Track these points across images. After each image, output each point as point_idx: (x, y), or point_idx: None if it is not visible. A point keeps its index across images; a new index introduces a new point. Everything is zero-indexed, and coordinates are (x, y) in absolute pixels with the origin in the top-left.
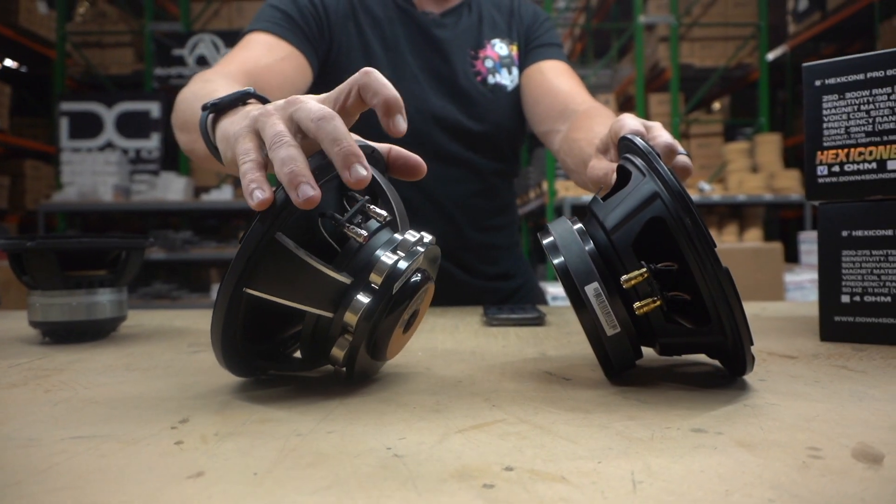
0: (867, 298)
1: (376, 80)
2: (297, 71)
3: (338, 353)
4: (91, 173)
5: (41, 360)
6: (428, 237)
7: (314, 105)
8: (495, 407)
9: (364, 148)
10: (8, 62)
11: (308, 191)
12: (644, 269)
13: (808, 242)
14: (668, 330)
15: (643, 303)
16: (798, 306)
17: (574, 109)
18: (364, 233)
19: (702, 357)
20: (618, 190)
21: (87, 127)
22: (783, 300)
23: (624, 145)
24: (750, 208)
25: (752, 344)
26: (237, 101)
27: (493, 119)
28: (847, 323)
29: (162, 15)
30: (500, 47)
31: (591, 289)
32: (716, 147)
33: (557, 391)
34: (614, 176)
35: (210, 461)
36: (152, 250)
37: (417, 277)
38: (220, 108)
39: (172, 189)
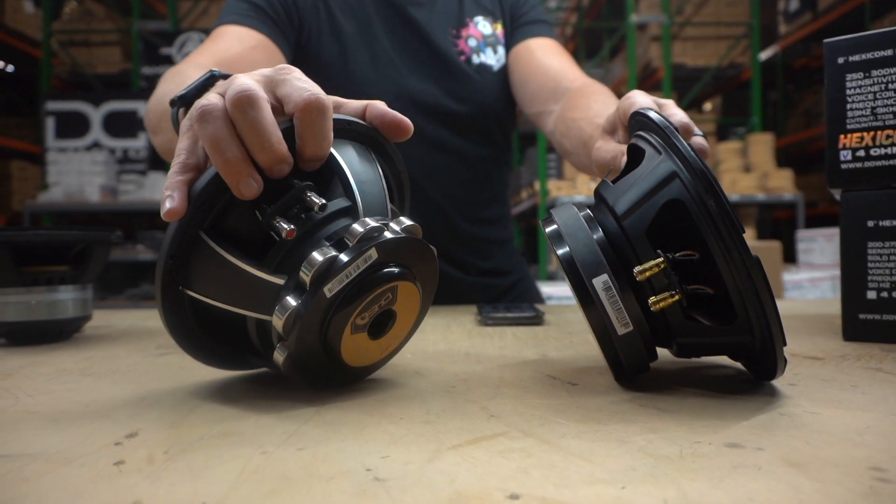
0: (895, 294)
1: (289, 88)
2: (269, 59)
3: (278, 358)
4: (77, 173)
5: None
6: (405, 223)
7: (241, 80)
8: (494, 417)
9: (340, 122)
10: None
11: (251, 185)
12: (660, 259)
13: (806, 241)
14: (688, 328)
15: (659, 297)
16: (810, 304)
17: (566, 87)
18: (288, 227)
19: (720, 359)
20: (630, 172)
21: (73, 126)
22: (782, 300)
23: (636, 121)
24: (743, 208)
25: (784, 344)
26: (203, 88)
27: (479, 101)
28: (873, 321)
29: (150, 13)
30: (483, 25)
31: (600, 282)
32: (708, 147)
33: (564, 398)
34: (624, 159)
35: (151, 487)
36: (140, 251)
37: (392, 271)
38: (188, 100)
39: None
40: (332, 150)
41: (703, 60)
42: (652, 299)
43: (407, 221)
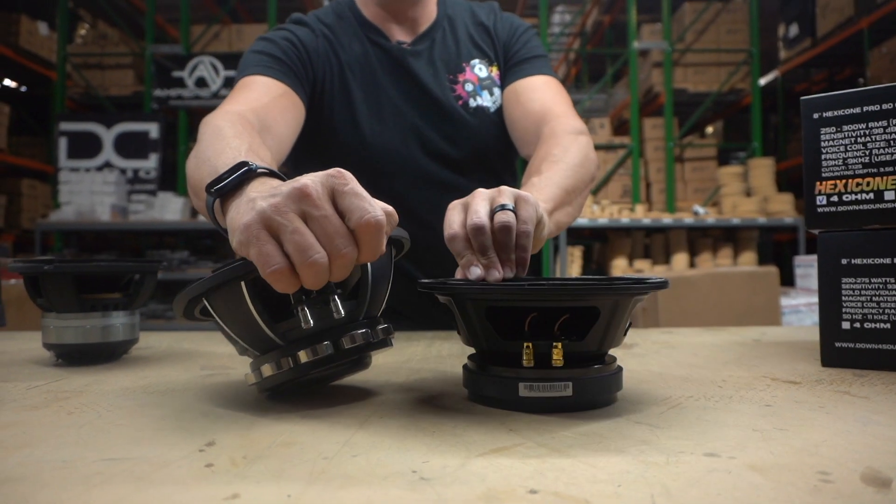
0: (867, 325)
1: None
2: (295, 107)
3: (251, 378)
4: (89, 193)
5: (58, 383)
6: (381, 328)
7: (367, 205)
8: (512, 431)
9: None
10: (7, 82)
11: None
12: None
13: (804, 266)
14: None
15: None
16: (796, 331)
17: (540, 135)
18: (307, 322)
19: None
20: None
21: (85, 147)
22: (780, 324)
23: None
24: (744, 231)
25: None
26: (241, 183)
27: (479, 142)
28: (848, 349)
29: (162, 37)
30: (479, 69)
31: None
32: (710, 171)
33: (570, 415)
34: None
35: (243, 483)
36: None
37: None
38: (225, 193)
39: (170, 209)
40: None
41: (704, 86)
42: None
43: (381, 329)
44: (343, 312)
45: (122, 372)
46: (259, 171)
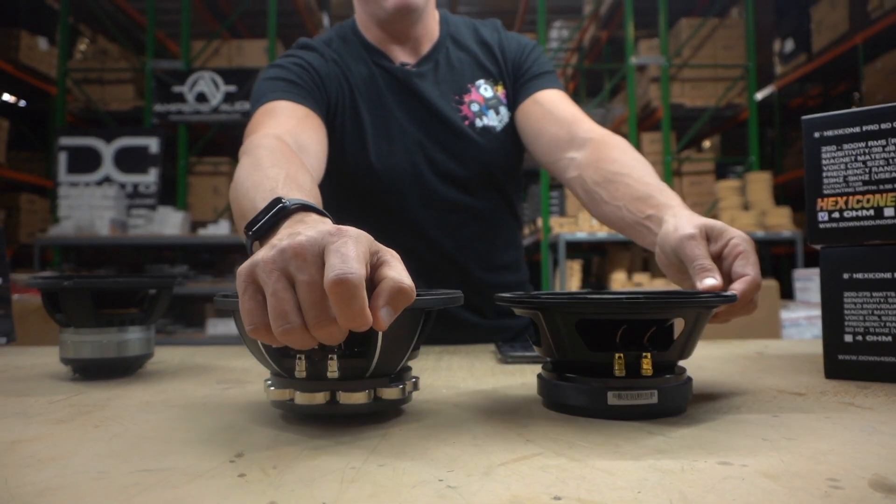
0: (869, 338)
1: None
2: (321, 127)
3: (265, 388)
4: (88, 207)
5: (78, 397)
6: (396, 389)
7: (316, 293)
8: (530, 441)
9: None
10: (7, 97)
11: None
12: None
13: (803, 280)
14: None
15: None
16: (799, 344)
17: (584, 137)
18: (301, 371)
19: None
20: None
21: (85, 161)
22: (780, 337)
23: None
24: None
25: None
26: (275, 224)
27: (485, 161)
28: (851, 361)
29: (163, 53)
30: (484, 89)
31: None
32: (707, 185)
33: (585, 426)
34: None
35: (278, 492)
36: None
37: None
38: (261, 236)
39: (169, 223)
40: None
41: (701, 101)
42: None
43: (395, 390)
44: (338, 373)
45: (139, 386)
46: (293, 206)
